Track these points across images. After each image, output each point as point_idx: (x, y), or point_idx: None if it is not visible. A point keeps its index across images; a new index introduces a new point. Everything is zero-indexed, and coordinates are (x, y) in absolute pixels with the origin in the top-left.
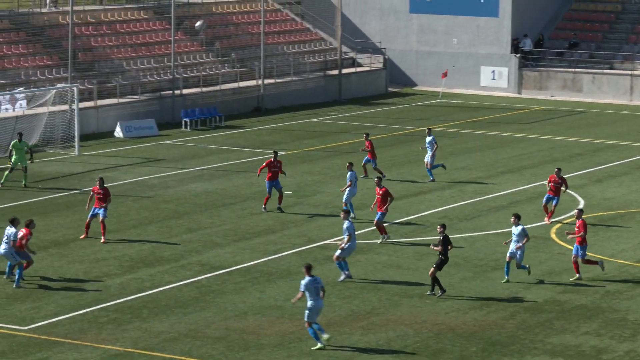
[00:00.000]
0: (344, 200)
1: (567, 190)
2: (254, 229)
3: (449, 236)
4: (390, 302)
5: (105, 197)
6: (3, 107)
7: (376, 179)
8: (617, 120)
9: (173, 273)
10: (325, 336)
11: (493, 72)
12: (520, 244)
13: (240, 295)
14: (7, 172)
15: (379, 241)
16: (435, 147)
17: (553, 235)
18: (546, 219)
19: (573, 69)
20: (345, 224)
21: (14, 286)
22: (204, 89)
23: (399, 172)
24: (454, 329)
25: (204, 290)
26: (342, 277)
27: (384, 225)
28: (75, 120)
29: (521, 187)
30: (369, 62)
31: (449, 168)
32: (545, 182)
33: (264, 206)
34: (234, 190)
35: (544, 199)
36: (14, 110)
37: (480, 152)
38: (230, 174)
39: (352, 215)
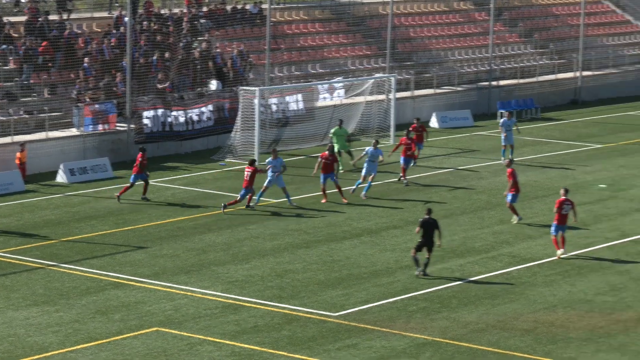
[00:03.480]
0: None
1: None
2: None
3: None
4: None
5: (332, 163)
6: (321, 95)
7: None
8: None
9: (483, 264)
10: None
11: None
12: None
13: (550, 288)
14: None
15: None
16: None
17: None
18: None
19: None
20: None
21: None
22: (521, 81)
23: None
24: None
25: (513, 282)
26: None
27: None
28: (392, 110)
29: None
30: None
31: None
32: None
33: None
34: (547, 182)
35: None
36: (332, 99)
37: None
38: (545, 166)
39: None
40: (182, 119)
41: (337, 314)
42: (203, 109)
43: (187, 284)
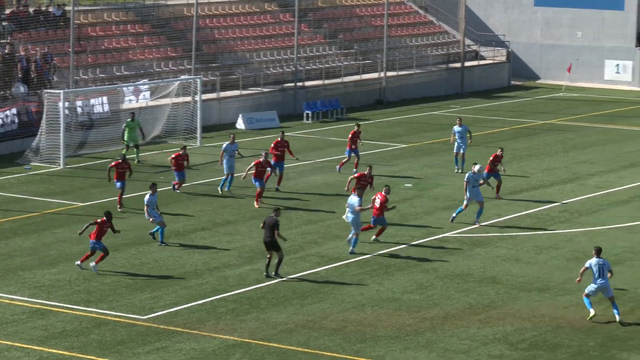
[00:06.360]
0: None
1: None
2: None
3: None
4: (508, 296)
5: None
6: (127, 98)
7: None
8: None
9: (292, 264)
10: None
11: (617, 65)
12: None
13: (358, 287)
14: (124, 150)
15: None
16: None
17: None
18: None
19: None
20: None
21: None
22: (326, 81)
23: (519, 165)
24: (573, 324)
25: (322, 282)
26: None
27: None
28: (198, 111)
29: None
30: (492, 55)
31: (571, 162)
32: None
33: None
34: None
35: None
36: (137, 102)
37: (603, 146)
38: (351, 165)
39: None
40: None
41: (146, 317)
42: (7, 112)
43: None
